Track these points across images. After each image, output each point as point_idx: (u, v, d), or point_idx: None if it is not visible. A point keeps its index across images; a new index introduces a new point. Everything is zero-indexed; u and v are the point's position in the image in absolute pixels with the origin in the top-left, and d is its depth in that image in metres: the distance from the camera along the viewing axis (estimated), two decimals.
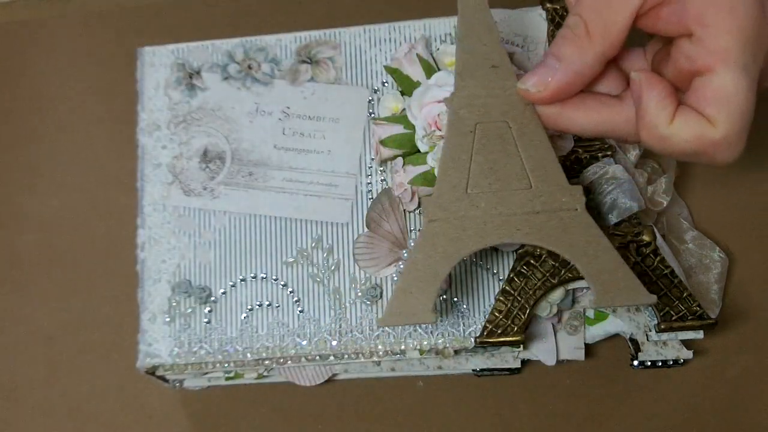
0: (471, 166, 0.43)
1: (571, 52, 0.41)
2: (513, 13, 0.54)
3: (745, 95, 0.39)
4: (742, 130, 0.40)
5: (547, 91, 0.42)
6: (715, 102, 0.39)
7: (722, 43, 0.39)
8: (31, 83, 0.62)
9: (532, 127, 0.43)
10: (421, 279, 0.42)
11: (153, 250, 0.52)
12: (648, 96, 0.40)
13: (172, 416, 0.55)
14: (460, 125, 0.43)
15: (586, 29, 0.41)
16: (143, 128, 0.53)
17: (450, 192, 0.42)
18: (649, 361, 0.53)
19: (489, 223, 0.42)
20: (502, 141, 0.43)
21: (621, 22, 0.41)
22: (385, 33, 0.54)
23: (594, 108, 0.42)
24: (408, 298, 0.42)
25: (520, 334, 0.49)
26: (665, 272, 0.50)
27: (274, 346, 0.50)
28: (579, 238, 0.42)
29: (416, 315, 0.42)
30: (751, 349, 0.55)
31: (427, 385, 0.55)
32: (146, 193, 0.52)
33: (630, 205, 0.50)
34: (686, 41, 0.40)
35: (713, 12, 0.39)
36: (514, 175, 0.43)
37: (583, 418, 0.54)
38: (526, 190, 0.42)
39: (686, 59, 0.40)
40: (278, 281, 0.51)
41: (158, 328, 0.50)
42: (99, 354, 0.56)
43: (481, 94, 0.43)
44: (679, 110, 0.40)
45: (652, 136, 0.41)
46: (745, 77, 0.39)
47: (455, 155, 0.43)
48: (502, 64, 0.43)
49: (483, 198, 0.42)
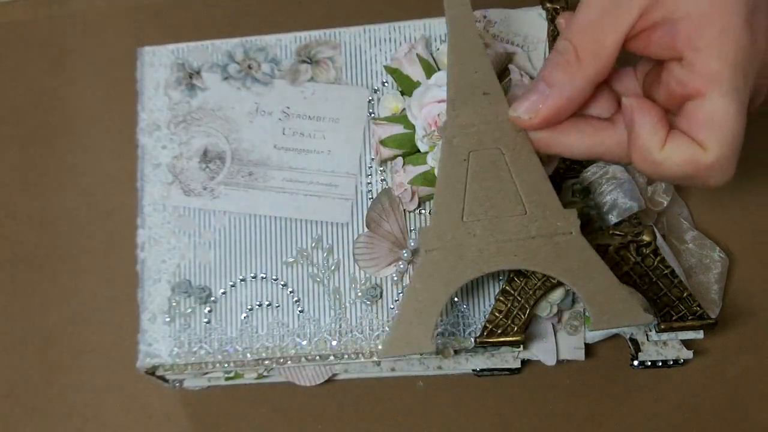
0: (466, 194, 0.43)
1: (561, 78, 0.41)
2: (513, 13, 0.54)
3: (736, 119, 0.39)
4: (733, 153, 0.40)
5: (538, 117, 0.42)
6: (707, 126, 0.39)
7: (713, 67, 0.39)
8: (31, 83, 0.62)
9: (524, 152, 0.43)
10: (420, 309, 0.42)
11: (153, 250, 0.52)
12: (640, 122, 0.40)
13: (172, 416, 0.55)
14: (453, 154, 0.43)
15: (576, 54, 0.41)
16: (143, 128, 0.53)
17: (446, 221, 0.43)
18: (649, 361, 0.53)
19: (485, 250, 0.42)
20: (496, 168, 0.43)
21: (610, 46, 0.41)
22: (385, 33, 0.54)
23: (586, 132, 0.42)
24: (408, 328, 0.42)
25: (520, 334, 0.49)
26: (665, 272, 0.50)
27: (274, 346, 0.50)
28: (575, 261, 0.42)
29: (417, 344, 0.42)
30: (751, 349, 0.55)
31: (427, 385, 0.55)
32: (146, 193, 0.52)
33: (630, 205, 0.50)
34: (677, 65, 0.40)
35: (704, 36, 0.39)
36: (509, 202, 0.43)
37: (583, 418, 0.54)
38: (521, 216, 0.43)
39: (677, 83, 0.40)
40: (278, 281, 0.51)
41: (158, 328, 0.50)
42: (99, 354, 0.56)
43: (473, 122, 0.43)
44: (671, 135, 0.40)
45: (645, 161, 0.41)
46: (736, 101, 0.39)
47: (450, 184, 0.43)
48: (494, 91, 0.44)
49: (479, 225, 0.43)
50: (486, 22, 0.54)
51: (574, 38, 0.41)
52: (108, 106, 0.61)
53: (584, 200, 0.51)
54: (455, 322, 0.49)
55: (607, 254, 0.49)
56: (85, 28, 0.63)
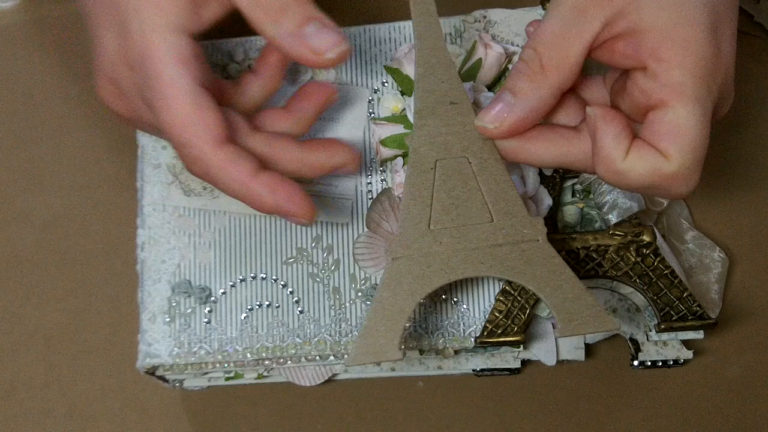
0: (433, 202, 0.43)
1: (526, 87, 0.42)
2: (513, 13, 0.54)
3: (699, 129, 0.40)
4: (696, 163, 0.40)
5: (503, 126, 0.42)
6: (669, 136, 0.40)
7: (676, 77, 0.39)
8: (31, 83, 0.62)
9: (491, 161, 0.43)
10: (387, 317, 0.42)
11: (153, 250, 0.52)
12: (603, 132, 0.41)
13: (172, 416, 0.55)
14: (420, 163, 0.43)
15: (541, 63, 0.41)
16: None
17: (413, 229, 0.43)
18: (649, 361, 0.53)
19: (453, 258, 0.43)
20: (463, 176, 0.43)
21: (575, 56, 0.41)
22: (385, 33, 0.54)
23: (552, 141, 0.43)
24: (375, 337, 0.42)
25: (520, 334, 0.49)
26: (665, 272, 0.50)
27: (274, 346, 0.50)
28: (542, 268, 0.42)
29: (383, 353, 0.42)
30: (751, 349, 0.55)
31: (427, 385, 0.55)
32: (146, 193, 0.52)
33: (630, 205, 0.50)
34: (641, 74, 0.41)
35: (668, 47, 0.39)
36: (476, 210, 0.43)
37: (583, 418, 0.54)
38: (487, 224, 0.43)
39: (641, 92, 0.41)
40: (278, 281, 0.51)
41: (158, 328, 0.50)
42: (99, 354, 0.56)
43: (441, 131, 0.44)
44: (634, 144, 0.40)
45: (608, 171, 0.41)
46: (699, 111, 0.40)
47: (417, 193, 0.43)
48: (461, 101, 0.44)
49: (446, 233, 0.43)
50: (486, 22, 0.54)
51: (538, 47, 0.41)
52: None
53: (584, 200, 0.51)
54: (455, 322, 0.49)
55: (607, 254, 0.50)
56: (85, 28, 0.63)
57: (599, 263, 0.50)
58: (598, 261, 0.50)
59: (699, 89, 0.39)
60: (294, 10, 0.41)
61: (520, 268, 0.42)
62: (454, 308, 0.50)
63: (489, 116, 0.42)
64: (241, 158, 0.41)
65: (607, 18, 0.40)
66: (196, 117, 0.40)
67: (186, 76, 0.40)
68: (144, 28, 0.40)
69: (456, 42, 0.54)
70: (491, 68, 0.52)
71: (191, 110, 0.40)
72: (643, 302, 0.50)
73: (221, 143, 0.40)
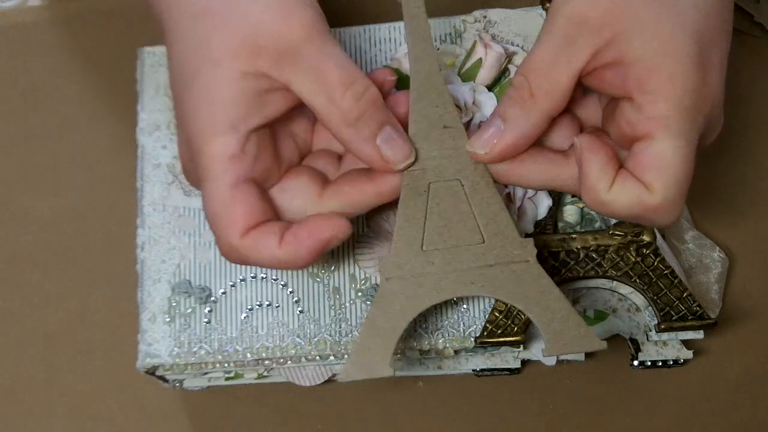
0: (426, 224, 0.44)
1: (515, 113, 0.42)
2: (513, 13, 0.54)
3: (683, 162, 0.40)
4: (679, 195, 0.41)
5: (493, 152, 0.43)
6: (653, 169, 0.40)
7: (661, 110, 0.40)
8: (31, 83, 0.62)
9: (483, 184, 0.44)
10: (379, 335, 0.43)
11: (153, 250, 0.52)
12: (589, 162, 0.41)
13: (172, 416, 0.55)
14: (414, 186, 0.44)
15: (530, 90, 0.42)
16: (143, 128, 0.53)
17: (406, 250, 0.44)
18: (649, 361, 0.53)
19: (444, 278, 0.43)
20: (455, 199, 0.44)
21: (564, 83, 0.41)
22: (385, 33, 0.54)
23: (542, 165, 0.43)
24: (367, 354, 0.43)
25: (520, 334, 0.49)
26: (665, 272, 0.50)
27: (274, 346, 0.50)
28: (531, 288, 0.43)
29: (375, 370, 0.43)
30: (751, 349, 0.55)
31: (427, 385, 0.55)
32: (146, 193, 0.52)
33: None
34: (628, 105, 0.41)
35: (653, 79, 0.40)
36: (468, 231, 0.44)
37: (583, 418, 0.54)
38: (479, 245, 0.44)
39: (627, 123, 0.41)
40: (278, 281, 0.51)
41: (158, 328, 0.50)
42: (99, 354, 0.56)
43: (434, 155, 0.44)
44: (619, 175, 0.41)
45: (593, 201, 0.42)
46: (683, 144, 0.40)
47: (410, 215, 0.44)
48: (454, 125, 0.45)
49: (438, 255, 0.43)
50: (486, 22, 0.54)
51: (529, 74, 0.42)
52: (108, 106, 0.61)
53: None
54: (455, 322, 0.49)
55: (607, 254, 0.50)
56: (85, 28, 0.63)
57: (599, 263, 0.50)
58: (598, 261, 0.50)
59: (684, 122, 0.40)
60: (371, 116, 0.42)
61: (510, 288, 0.43)
62: (454, 308, 0.50)
63: (480, 142, 0.43)
64: (264, 236, 0.41)
65: (596, 47, 0.41)
66: (226, 212, 0.41)
67: (228, 173, 0.41)
68: (198, 125, 0.41)
69: (456, 42, 0.54)
70: (491, 68, 0.52)
71: (222, 207, 0.41)
72: (643, 302, 0.50)
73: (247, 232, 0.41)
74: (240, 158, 0.41)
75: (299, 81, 0.41)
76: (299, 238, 0.41)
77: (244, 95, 0.41)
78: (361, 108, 0.42)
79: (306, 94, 0.41)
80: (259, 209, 0.42)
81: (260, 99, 0.41)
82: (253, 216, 0.41)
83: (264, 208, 0.42)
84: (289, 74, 0.41)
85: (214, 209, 0.42)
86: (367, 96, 0.42)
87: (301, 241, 0.41)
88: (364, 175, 0.44)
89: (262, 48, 0.40)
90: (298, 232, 0.42)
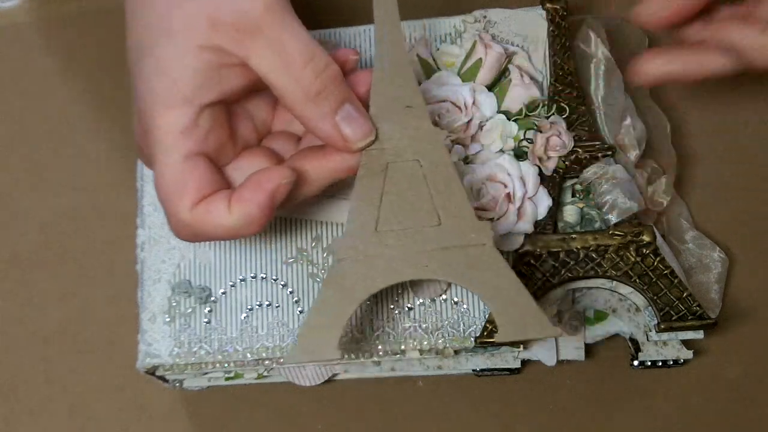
0: (381, 204, 0.43)
1: None
2: (513, 13, 0.54)
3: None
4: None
5: None
6: None
7: None
8: (31, 83, 0.62)
9: (442, 164, 0.43)
10: (328, 316, 0.42)
11: (153, 250, 0.52)
12: None
13: (172, 416, 0.55)
14: (371, 165, 0.43)
15: None
16: None
17: (359, 231, 0.43)
18: (649, 361, 0.53)
19: (397, 260, 0.43)
20: (413, 179, 0.43)
21: None
22: None
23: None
24: (315, 335, 0.42)
25: None
26: (665, 272, 0.50)
27: (274, 346, 0.50)
28: (487, 273, 0.42)
29: (321, 352, 0.42)
30: (751, 349, 0.55)
31: (427, 385, 0.55)
32: (146, 193, 0.52)
33: (630, 205, 0.50)
34: None
35: None
36: (424, 212, 0.43)
37: (583, 418, 0.54)
38: (435, 227, 0.43)
39: None
40: (278, 281, 0.51)
41: (158, 328, 0.50)
42: (99, 354, 0.56)
43: (394, 134, 0.44)
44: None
45: None
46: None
47: (366, 194, 0.43)
48: (416, 105, 0.44)
49: (392, 236, 0.43)
50: (486, 22, 0.54)
51: None
52: (108, 107, 0.61)
53: (584, 200, 0.51)
54: (455, 322, 0.49)
55: (606, 254, 0.50)
56: (84, 28, 0.63)
57: (599, 263, 0.50)
58: (598, 261, 0.50)
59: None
60: (331, 92, 0.42)
61: (465, 272, 0.42)
62: (454, 308, 0.50)
63: None
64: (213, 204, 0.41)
65: None
66: (178, 185, 0.41)
67: (180, 146, 0.41)
68: (152, 98, 0.41)
69: (456, 42, 0.54)
70: (491, 68, 0.52)
71: (173, 180, 0.41)
72: (643, 302, 0.50)
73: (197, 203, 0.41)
74: (193, 132, 0.41)
75: (258, 56, 0.40)
76: (245, 196, 0.41)
77: (200, 69, 0.40)
78: (320, 83, 0.41)
79: (264, 69, 0.41)
80: (211, 182, 0.41)
81: (216, 74, 0.41)
82: (205, 189, 0.41)
83: (215, 180, 0.42)
84: (247, 49, 0.40)
85: (165, 183, 0.41)
86: (327, 72, 0.41)
87: (248, 199, 0.41)
88: (319, 151, 0.43)
89: (220, 22, 0.40)
90: (241, 192, 0.41)
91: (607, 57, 0.54)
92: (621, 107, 0.54)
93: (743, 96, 0.59)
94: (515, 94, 0.52)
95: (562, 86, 0.52)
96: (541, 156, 0.51)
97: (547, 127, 0.51)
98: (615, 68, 0.54)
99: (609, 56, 0.54)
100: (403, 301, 0.50)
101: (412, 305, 0.50)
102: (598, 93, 0.54)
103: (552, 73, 0.53)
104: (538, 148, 0.51)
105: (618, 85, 0.54)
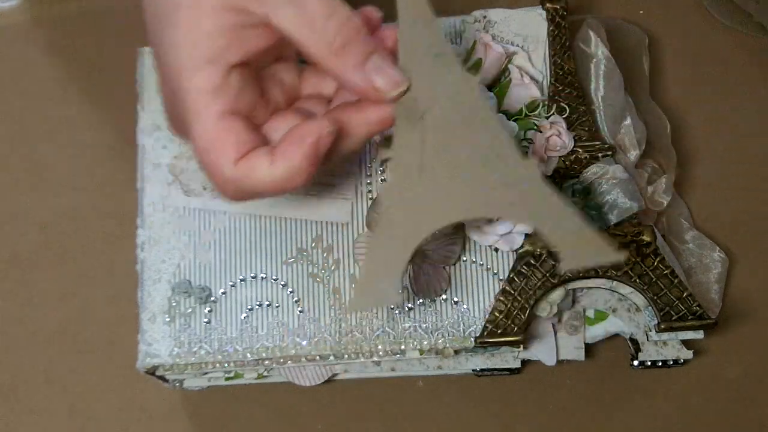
0: (423, 151, 0.43)
1: None
2: (513, 13, 0.54)
3: None
4: None
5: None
6: None
7: None
8: (31, 83, 0.62)
9: (478, 108, 0.43)
10: (385, 263, 0.42)
11: (153, 250, 0.52)
12: None
13: (172, 416, 0.55)
14: (407, 114, 0.43)
15: None
16: (143, 128, 0.53)
17: (403, 178, 0.43)
18: (649, 361, 0.53)
19: (445, 202, 0.42)
20: (452, 124, 0.43)
21: None
22: None
23: None
24: (375, 282, 0.42)
25: (520, 334, 0.49)
26: (665, 272, 0.50)
27: (274, 346, 0.50)
28: (540, 207, 0.42)
29: (384, 298, 0.42)
30: (751, 349, 0.55)
31: (427, 385, 0.55)
32: (146, 193, 0.52)
33: (630, 205, 0.50)
34: None
35: None
36: (467, 155, 0.43)
37: (583, 418, 0.54)
38: (479, 167, 0.42)
39: None
40: (278, 281, 0.51)
41: (158, 328, 0.50)
42: (99, 354, 0.56)
43: (426, 83, 0.43)
44: None
45: None
46: None
47: (405, 143, 0.43)
48: (446, 52, 0.43)
49: (437, 180, 0.42)
50: (486, 22, 0.54)
51: None
52: (108, 106, 0.61)
53: (584, 200, 0.51)
54: (455, 322, 0.49)
55: None
56: (85, 28, 0.63)
57: None
58: None
59: None
60: (357, 44, 0.41)
61: (517, 209, 0.42)
62: (454, 308, 0.50)
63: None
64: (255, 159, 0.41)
65: None
66: (216, 144, 0.41)
67: (213, 105, 0.41)
68: (179, 63, 0.41)
69: (456, 42, 0.54)
70: (491, 68, 0.52)
71: (212, 140, 0.41)
72: (643, 302, 0.50)
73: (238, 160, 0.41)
74: (223, 90, 0.41)
75: (278, 13, 0.40)
76: (288, 149, 0.41)
77: (222, 30, 0.40)
78: (344, 36, 0.41)
79: (286, 25, 0.41)
80: (249, 139, 0.41)
81: (239, 34, 0.41)
82: (244, 145, 0.41)
83: (254, 138, 0.42)
84: (267, 6, 0.40)
85: (204, 144, 0.41)
86: (350, 24, 0.41)
87: (291, 152, 0.41)
88: (354, 105, 0.43)
89: None
90: (284, 145, 0.41)
91: (607, 57, 0.54)
92: (621, 107, 0.54)
93: (743, 96, 0.59)
94: (515, 94, 0.52)
95: (562, 86, 0.52)
96: (541, 156, 0.51)
97: (547, 127, 0.51)
98: (615, 68, 0.54)
99: (609, 56, 0.54)
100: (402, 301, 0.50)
101: (412, 305, 0.50)
102: (598, 93, 0.54)
103: (552, 72, 0.53)
104: (538, 148, 0.51)
105: (618, 85, 0.54)
